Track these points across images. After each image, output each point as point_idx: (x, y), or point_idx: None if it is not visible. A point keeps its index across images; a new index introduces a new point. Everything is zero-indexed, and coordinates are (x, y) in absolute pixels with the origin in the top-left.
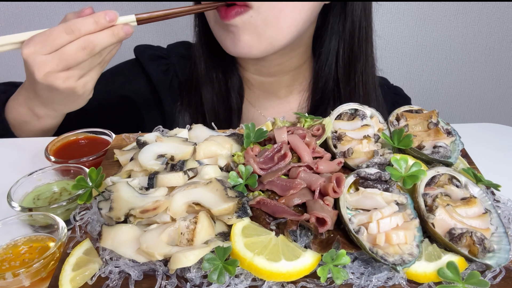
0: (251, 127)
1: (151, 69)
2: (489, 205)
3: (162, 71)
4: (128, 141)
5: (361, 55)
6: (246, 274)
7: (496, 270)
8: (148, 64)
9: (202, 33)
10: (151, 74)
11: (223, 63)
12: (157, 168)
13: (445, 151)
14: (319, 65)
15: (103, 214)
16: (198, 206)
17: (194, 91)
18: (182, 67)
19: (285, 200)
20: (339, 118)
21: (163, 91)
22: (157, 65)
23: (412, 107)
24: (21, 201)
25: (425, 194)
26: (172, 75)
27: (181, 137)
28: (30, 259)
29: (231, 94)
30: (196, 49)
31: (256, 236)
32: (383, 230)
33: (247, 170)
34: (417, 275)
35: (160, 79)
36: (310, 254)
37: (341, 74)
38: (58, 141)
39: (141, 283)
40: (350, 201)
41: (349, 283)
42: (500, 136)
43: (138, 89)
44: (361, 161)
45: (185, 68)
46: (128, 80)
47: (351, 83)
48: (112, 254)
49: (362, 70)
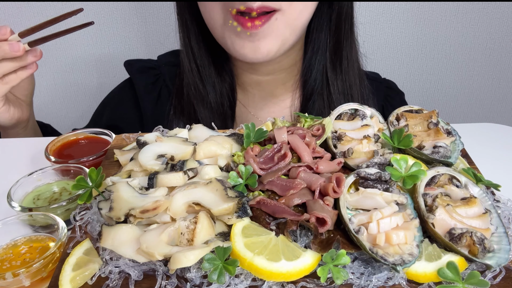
0: (251, 127)
1: (138, 82)
2: (489, 205)
3: (151, 82)
4: (128, 141)
5: (346, 43)
6: (246, 274)
7: (496, 270)
8: (137, 77)
9: (195, 38)
10: (137, 87)
11: (215, 65)
12: (157, 168)
13: (445, 151)
14: (309, 56)
15: (103, 214)
16: (198, 206)
17: (186, 98)
18: (172, 75)
19: (285, 200)
20: (339, 118)
21: (151, 102)
22: (145, 78)
23: (412, 107)
24: (21, 201)
25: (425, 194)
26: (161, 85)
27: (181, 137)
28: (31, 259)
29: (225, 98)
30: (184, 55)
31: (256, 236)
32: (383, 230)
33: (247, 170)
34: (417, 275)
35: (148, 90)
36: (310, 254)
37: (329, 63)
38: (58, 141)
39: (141, 283)
40: (350, 201)
41: (349, 283)
42: (500, 136)
43: (130, 107)
44: (361, 161)
45: (175, 76)
46: (121, 99)
47: (337, 70)
48: (112, 254)
49: (348, 56)
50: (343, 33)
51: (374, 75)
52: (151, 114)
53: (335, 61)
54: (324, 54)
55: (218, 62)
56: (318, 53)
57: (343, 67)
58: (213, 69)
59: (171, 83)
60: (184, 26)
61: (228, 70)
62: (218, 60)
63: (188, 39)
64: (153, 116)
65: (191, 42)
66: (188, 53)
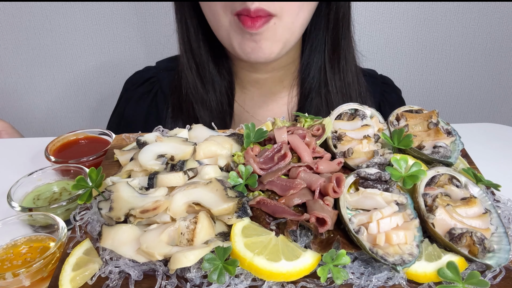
0: (251, 127)
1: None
2: (489, 205)
3: (145, 92)
4: (128, 141)
5: (344, 41)
6: (246, 274)
7: (496, 270)
8: (133, 94)
9: (194, 36)
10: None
11: (215, 63)
12: (157, 168)
13: (445, 151)
14: (307, 54)
15: (103, 214)
16: (198, 206)
17: (185, 97)
18: (170, 80)
19: (285, 200)
20: (339, 118)
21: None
22: (141, 90)
23: (412, 107)
24: (21, 201)
25: (425, 194)
26: (157, 91)
27: (181, 137)
28: (32, 259)
29: (224, 96)
30: (183, 53)
31: (256, 236)
32: (383, 230)
33: (247, 170)
34: (417, 275)
35: (143, 99)
36: (310, 254)
37: (327, 61)
38: (58, 141)
39: (141, 283)
40: (350, 201)
41: (349, 283)
42: (500, 136)
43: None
44: (361, 161)
45: (172, 79)
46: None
47: (335, 68)
48: (112, 254)
49: (346, 55)
50: (341, 32)
51: (370, 71)
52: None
53: (333, 59)
54: (322, 52)
55: (217, 60)
56: (316, 51)
57: (341, 66)
58: (213, 67)
59: (167, 86)
60: (183, 24)
61: (227, 68)
62: (217, 58)
63: (187, 37)
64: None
65: (190, 40)
66: (187, 51)
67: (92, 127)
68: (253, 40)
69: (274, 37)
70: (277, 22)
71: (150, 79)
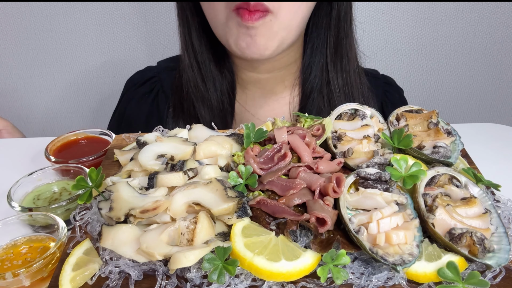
0: (251, 127)
1: (134, 96)
2: (489, 205)
3: (146, 92)
4: (128, 141)
5: (346, 40)
6: (246, 274)
7: (496, 270)
8: (134, 94)
9: (196, 34)
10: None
11: (216, 62)
12: (157, 168)
13: (445, 151)
14: (309, 53)
15: (103, 214)
16: (198, 206)
17: (186, 96)
18: (171, 80)
19: (285, 200)
20: (339, 118)
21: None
22: (143, 90)
23: (412, 107)
24: (21, 201)
25: (425, 194)
26: (158, 90)
27: (181, 137)
28: (32, 259)
29: (225, 95)
30: (185, 52)
31: (256, 236)
32: (383, 230)
33: (247, 170)
34: (417, 275)
35: (144, 99)
36: (310, 254)
37: (329, 60)
38: (58, 141)
39: (141, 283)
40: (350, 201)
41: (349, 283)
42: (500, 136)
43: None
44: (361, 161)
45: (173, 79)
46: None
47: (338, 68)
48: (112, 254)
49: (348, 54)
50: (343, 30)
51: (373, 71)
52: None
53: (335, 58)
54: (324, 51)
55: (219, 59)
56: (318, 50)
57: (343, 65)
58: (214, 65)
59: (168, 86)
60: (184, 22)
61: (229, 67)
62: (218, 56)
63: (189, 35)
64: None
65: (192, 38)
66: (188, 49)
67: (92, 127)
68: (249, 34)
69: (269, 33)
70: (273, 19)
71: (151, 79)
